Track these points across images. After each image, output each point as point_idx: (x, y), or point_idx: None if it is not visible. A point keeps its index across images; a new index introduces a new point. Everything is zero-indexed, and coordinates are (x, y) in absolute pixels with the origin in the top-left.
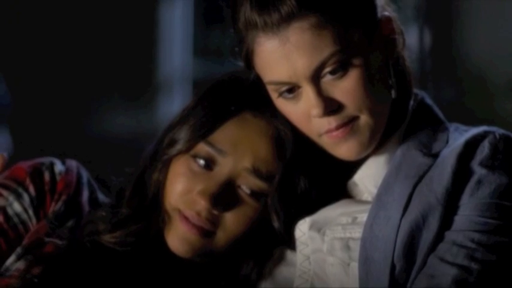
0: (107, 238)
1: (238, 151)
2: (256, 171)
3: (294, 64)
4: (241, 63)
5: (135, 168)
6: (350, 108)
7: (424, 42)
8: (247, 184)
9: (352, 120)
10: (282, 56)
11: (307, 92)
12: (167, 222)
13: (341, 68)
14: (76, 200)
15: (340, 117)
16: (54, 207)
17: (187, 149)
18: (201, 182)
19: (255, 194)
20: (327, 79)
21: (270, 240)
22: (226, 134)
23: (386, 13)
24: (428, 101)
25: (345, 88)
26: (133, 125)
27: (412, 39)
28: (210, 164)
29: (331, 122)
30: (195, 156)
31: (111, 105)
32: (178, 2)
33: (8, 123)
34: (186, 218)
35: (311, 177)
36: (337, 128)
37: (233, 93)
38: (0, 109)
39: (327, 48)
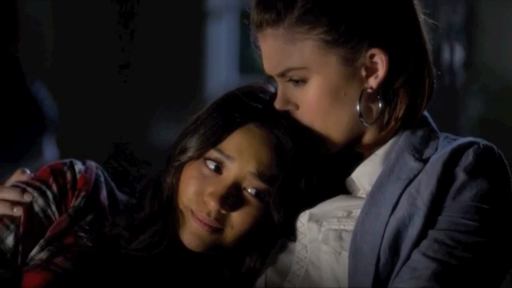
0: (135, 246)
1: (244, 157)
2: (260, 175)
3: (269, 61)
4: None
5: (157, 173)
6: (304, 115)
7: (455, 58)
8: (251, 186)
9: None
10: (263, 51)
11: (278, 87)
12: (181, 220)
13: (301, 81)
14: (94, 196)
15: (297, 117)
16: (74, 202)
17: (198, 156)
18: (211, 185)
19: (258, 194)
20: (291, 83)
21: (272, 233)
22: (233, 142)
23: (376, 49)
24: (425, 112)
25: (302, 96)
26: None
27: (445, 56)
28: (219, 168)
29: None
30: (206, 161)
31: (163, 117)
32: (225, 21)
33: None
34: (197, 218)
35: (311, 178)
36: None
37: (241, 106)
38: (49, 122)
39: (289, 62)
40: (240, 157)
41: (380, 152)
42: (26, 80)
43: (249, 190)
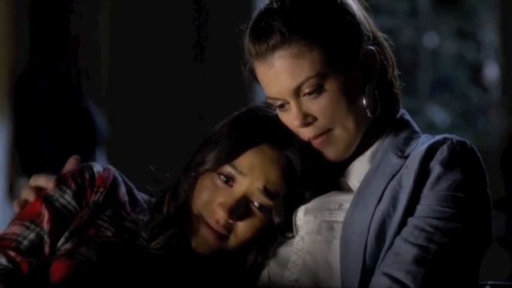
0: (153, 245)
1: (254, 174)
2: (266, 191)
3: (279, 84)
4: None
5: (176, 179)
6: (324, 122)
7: (491, 74)
8: (258, 200)
9: (328, 131)
10: (271, 77)
11: (292, 106)
12: (192, 225)
13: (316, 89)
14: (113, 192)
15: (316, 128)
16: (93, 197)
17: (213, 169)
18: (221, 196)
19: (263, 208)
20: (305, 97)
21: (271, 232)
22: (246, 160)
23: (370, 47)
24: (407, 116)
25: (319, 106)
26: None
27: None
28: (230, 182)
29: (310, 131)
30: (219, 174)
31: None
32: None
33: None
34: (206, 224)
35: (317, 190)
36: (315, 137)
37: (256, 127)
38: (100, 137)
39: (303, 74)
40: (251, 174)
41: (367, 153)
42: (77, 96)
43: (256, 204)
